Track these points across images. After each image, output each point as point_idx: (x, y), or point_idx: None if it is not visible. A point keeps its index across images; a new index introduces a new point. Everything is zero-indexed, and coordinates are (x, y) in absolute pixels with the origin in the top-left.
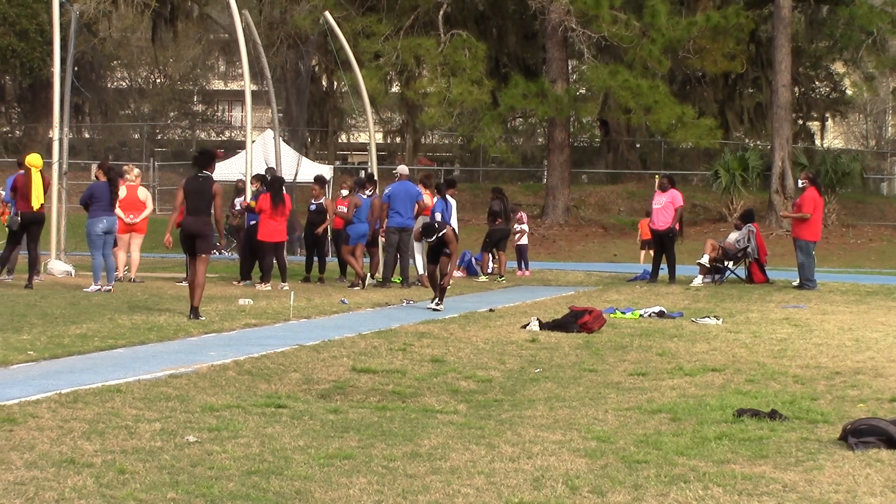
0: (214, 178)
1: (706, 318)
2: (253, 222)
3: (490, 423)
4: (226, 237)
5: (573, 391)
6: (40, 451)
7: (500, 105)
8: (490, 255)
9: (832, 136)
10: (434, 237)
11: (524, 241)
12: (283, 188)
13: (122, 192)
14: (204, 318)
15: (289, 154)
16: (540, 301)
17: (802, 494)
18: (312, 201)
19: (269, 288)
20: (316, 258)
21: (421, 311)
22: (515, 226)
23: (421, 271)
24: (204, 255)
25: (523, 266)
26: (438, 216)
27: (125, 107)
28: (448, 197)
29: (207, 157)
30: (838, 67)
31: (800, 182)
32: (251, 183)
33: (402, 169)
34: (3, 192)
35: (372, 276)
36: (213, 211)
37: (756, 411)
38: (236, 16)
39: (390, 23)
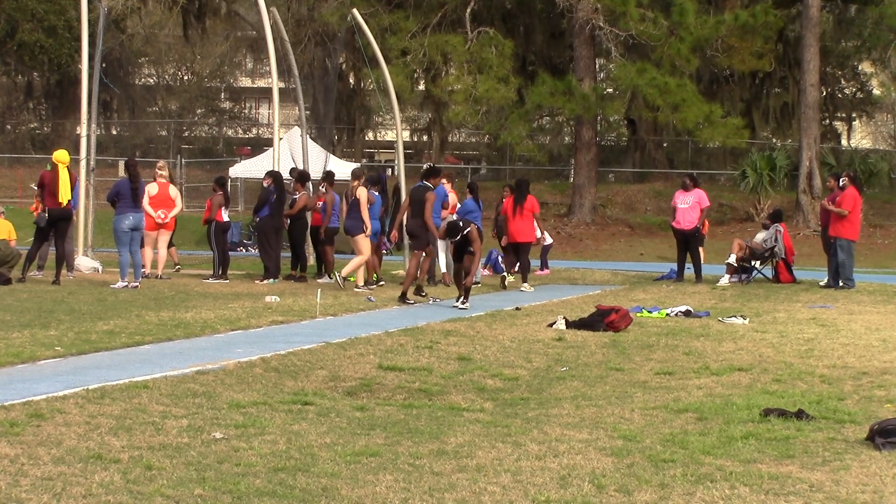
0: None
1: (733, 318)
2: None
3: (516, 422)
4: (251, 234)
5: (599, 390)
6: (67, 447)
7: (526, 103)
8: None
9: (859, 136)
10: (458, 236)
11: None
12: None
13: (154, 188)
14: (412, 302)
15: (316, 151)
16: (566, 300)
17: (829, 494)
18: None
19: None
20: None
21: (447, 310)
22: None
23: (444, 270)
24: (417, 251)
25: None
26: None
27: (153, 103)
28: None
29: (433, 171)
30: (866, 67)
31: (840, 181)
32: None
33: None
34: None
35: (329, 275)
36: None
37: (783, 411)
38: (264, 13)
39: (417, 20)
